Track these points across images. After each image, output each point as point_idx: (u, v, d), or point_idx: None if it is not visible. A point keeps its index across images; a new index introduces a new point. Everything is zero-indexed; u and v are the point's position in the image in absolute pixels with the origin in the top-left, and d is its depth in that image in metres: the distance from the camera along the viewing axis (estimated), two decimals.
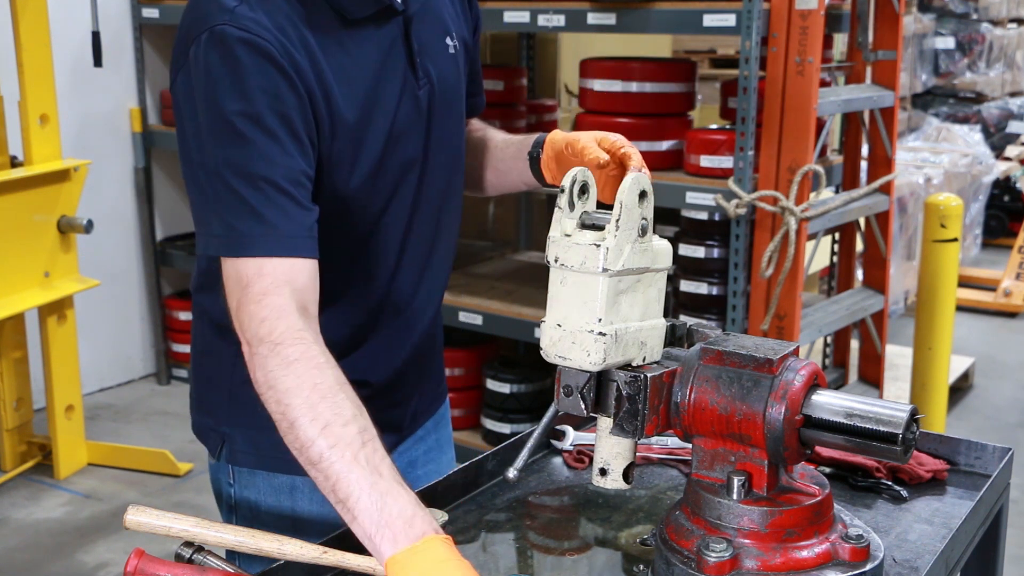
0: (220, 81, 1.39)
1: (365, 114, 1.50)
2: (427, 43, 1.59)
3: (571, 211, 1.32)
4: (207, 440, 1.70)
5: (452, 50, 1.65)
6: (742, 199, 3.36)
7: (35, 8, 3.87)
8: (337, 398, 1.29)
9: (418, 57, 1.56)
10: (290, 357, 1.32)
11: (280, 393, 1.31)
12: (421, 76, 1.57)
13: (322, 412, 1.28)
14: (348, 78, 1.48)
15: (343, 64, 1.48)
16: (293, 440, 1.30)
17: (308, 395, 1.29)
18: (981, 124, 8.30)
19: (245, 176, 1.38)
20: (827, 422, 1.27)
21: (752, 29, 3.27)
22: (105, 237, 4.77)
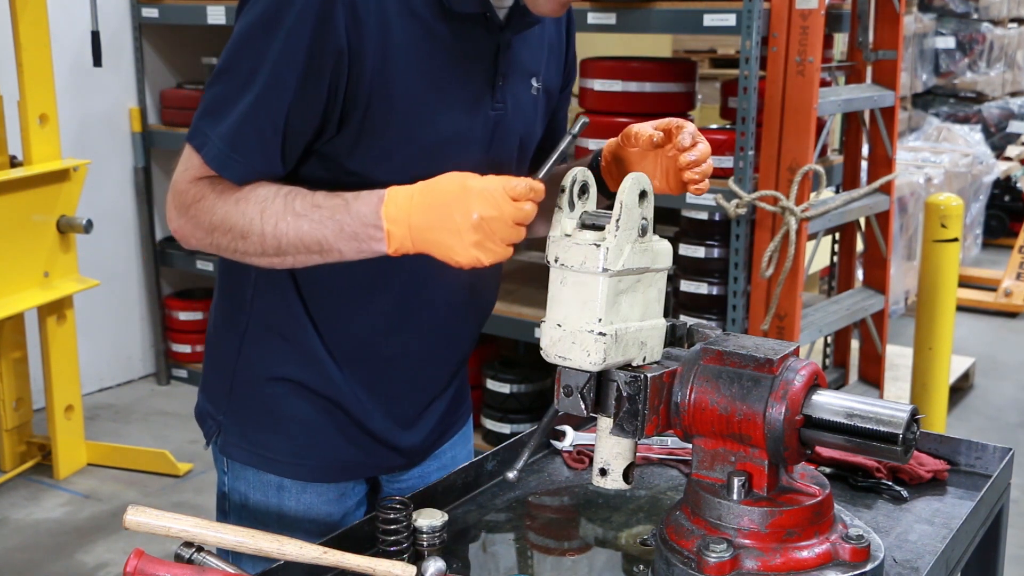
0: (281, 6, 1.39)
1: (426, 106, 1.48)
2: (513, 74, 1.58)
3: (571, 211, 1.32)
4: (204, 424, 1.71)
5: (535, 91, 1.64)
6: (742, 199, 3.36)
7: (35, 8, 3.87)
8: (256, 192, 1.41)
9: (500, 80, 1.55)
10: (213, 200, 1.43)
11: (221, 229, 1.42)
12: (498, 99, 1.56)
13: (249, 211, 1.40)
14: (420, 64, 1.46)
15: (421, 50, 1.46)
16: (255, 248, 1.41)
17: (234, 210, 1.41)
18: (981, 124, 8.30)
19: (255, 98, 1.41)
20: (827, 422, 1.27)
21: (752, 29, 3.27)
22: (105, 237, 4.76)
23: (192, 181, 1.45)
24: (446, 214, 1.31)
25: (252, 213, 1.40)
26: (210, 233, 1.43)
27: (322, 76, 1.41)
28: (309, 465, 1.65)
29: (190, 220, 1.45)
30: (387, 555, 1.36)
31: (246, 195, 1.42)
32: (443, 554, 1.37)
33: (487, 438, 4.14)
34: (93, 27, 4.29)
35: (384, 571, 1.27)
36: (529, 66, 1.63)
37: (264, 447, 1.65)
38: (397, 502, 1.38)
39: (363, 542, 1.42)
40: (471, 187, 1.31)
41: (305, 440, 1.64)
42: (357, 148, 1.48)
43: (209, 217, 1.43)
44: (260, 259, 1.43)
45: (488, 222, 1.30)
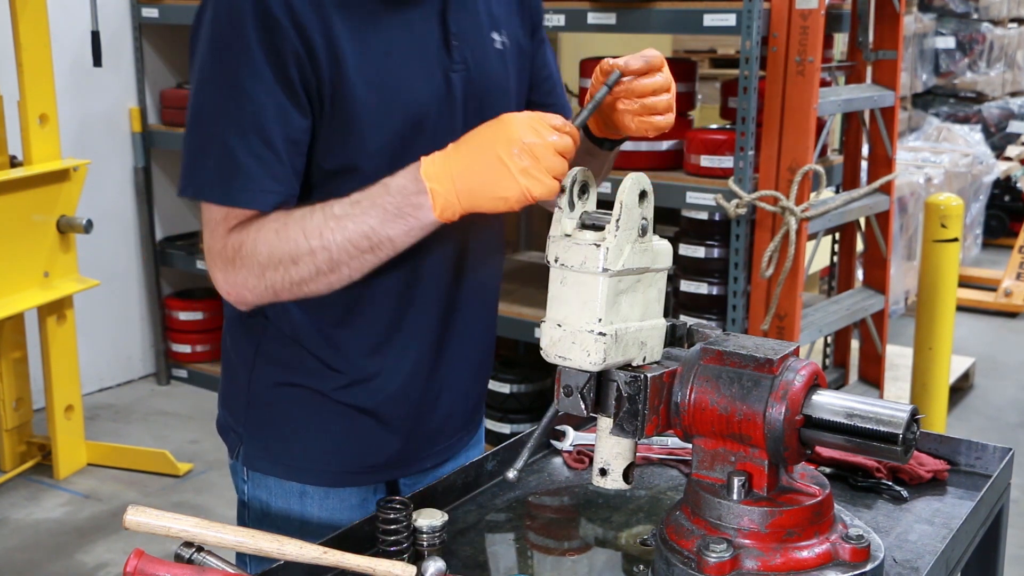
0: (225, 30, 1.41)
1: (384, 83, 1.47)
2: (467, 32, 1.56)
3: (571, 211, 1.32)
4: (226, 437, 1.70)
5: (500, 46, 1.62)
6: (742, 199, 3.36)
7: (35, 8, 3.87)
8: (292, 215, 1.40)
9: (455, 41, 1.54)
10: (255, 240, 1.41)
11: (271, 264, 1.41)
12: (457, 60, 1.54)
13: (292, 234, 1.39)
14: (368, 44, 1.46)
15: (362, 29, 1.46)
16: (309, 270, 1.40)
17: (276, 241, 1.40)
18: (982, 124, 8.30)
19: (236, 127, 1.41)
20: (827, 422, 1.26)
21: (752, 29, 3.27)
22: (105, 237, 4.77)
23: (224, 236, 1.44)
24: (489, 149, 1.31)
25: (294, 235, 1.39)
26: (261, 275, 1.42)
27: (292, 81, 1.41)
28: (331, 471, 1.64)
29: (239, 272, 1.43)
30: (387, 555, 1.36)
31: (283, 222, 1.40)
32: (443, 554, 1.37)
33: (487, 438, 4.13)
34: (93, 27, 4.29)
35: (384, 571, 1.27)
36: (486, 21, 1.60)
37: (286, 455, 1.63)
38: (397, 502, 1.38)
39: (363, 542, 1.42)
40: (509, 119, 1.32)
41: (327, 445, 1.62)
42: (332, 145, 1.47)
43: (255, 259, 1.41)
44: (318, 281, 1.41)
45: (533, 147, 1.29)
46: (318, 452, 1.63)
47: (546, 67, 1.76)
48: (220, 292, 1.48)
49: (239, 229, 1.43)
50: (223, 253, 1.44)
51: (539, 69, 1.74)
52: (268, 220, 1.42)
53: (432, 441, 1.71)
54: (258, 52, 1.39)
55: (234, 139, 1.41)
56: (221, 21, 1.42)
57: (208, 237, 1.46)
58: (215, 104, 1.43)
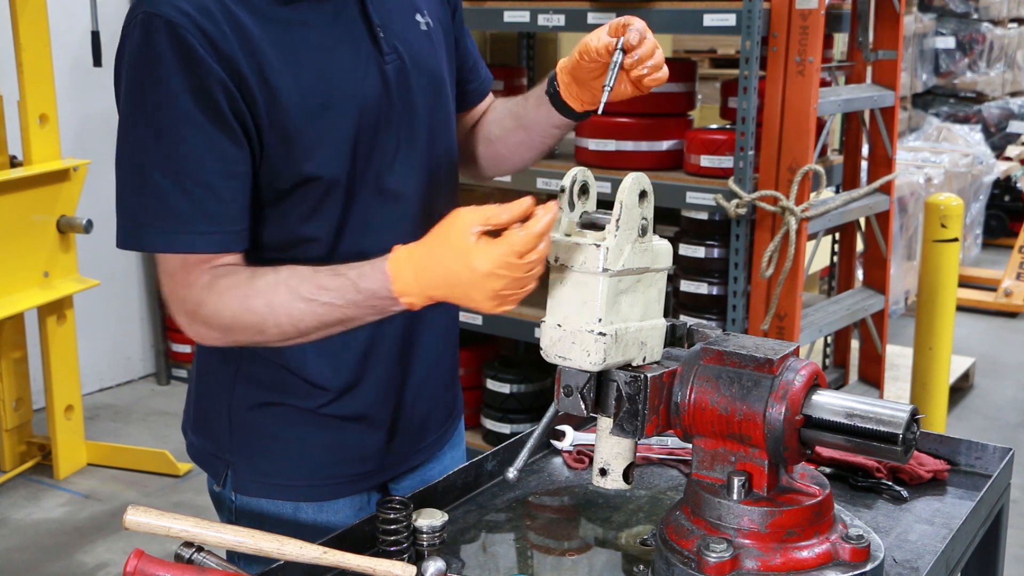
0: (143, 70, 1.37)
1: (321, 90, 1.44)
2: (391, 18, 1.54)
3: (571, 211, 1.32)
4: (209, 466, 1.65)
5: (424, 27, 1.60)
6: (742, 199, 3.36)
7: (35, 8, 3.87)
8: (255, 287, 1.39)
9: (382, 32, 1.51)
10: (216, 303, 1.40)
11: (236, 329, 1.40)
12: (388, 51, 1.51)
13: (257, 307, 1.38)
14: (293, 56, 1.42)
15: (286, 42, 1.42)
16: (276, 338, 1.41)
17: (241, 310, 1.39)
18: (981, 124, 8.30)
19: (167, 170, 1.37)
20: (827, 422, 1.27)
21: (752, 29, 3.27)
22: (105, 237, 4.71)
23: (184, 286, 1.41)
24: (464, 293, 1.31)
25: (260, 308, 1.38)
26: (226, 333, 1.42)
27: (220, 111, 1.37)
28: (324, 484, 1.62)
29: (202, 325, 1.42)
30: (387, 555, 1.36)
31: (245, 291, 1.39)
32: (443, 554, 1.37)
33: (487, 438, 4.14)
34: (93, 27, 4.28)
35: (384, 571, 1.27)
36: (406, 5, 1.58)
37: (277, 475, 1.61)
38: (397, 502, 1.38)
39: (363, 542, 1.42)
40: (478, 268, 1.28)
41: (317, 459, 1.61)
42: (280, 164, 1.44)
43: (219, 319, 1.40)
44: (285, 343, 1.42)
45: (503, 290, 1.29)
46: (309, 467, 1.61)
47: (463, 39, 1.75)
48: (186, 334, 1.46)
49: (197, 283, 1.40)
50: (183, 305, 1.43)
51: (463, 49, 1.74)
52: (229, 283, 1.40)
53: (416, 439, 1.71)
54: (181, 90, 1.35)
55: (167, 185, 1.37)
56: (139, 64, 1.37)
57: (166, 285, 1.44)
58: (144, 152, 1.38)
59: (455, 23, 1.72)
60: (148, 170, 1.38)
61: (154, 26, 1.36)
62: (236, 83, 1.38)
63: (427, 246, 1.33)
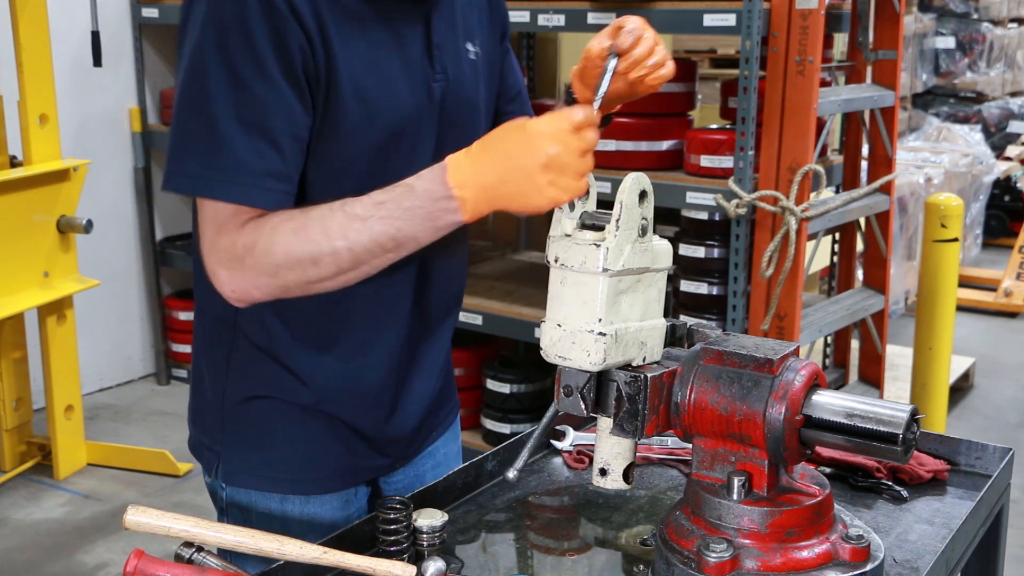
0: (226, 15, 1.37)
1: (372, 88, 1.46)
2: (446, 41, 1.57)
3: (571, 211, 1.32)
4: (201, 457, 1.68)
5: (473, 56, 1.63)
6: (742, 199, 3.36)
7: (35, 8, 3.87)
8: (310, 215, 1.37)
9: (437, 51, 1.54)
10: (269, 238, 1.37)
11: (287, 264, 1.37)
12: (438, 70, 1.54)
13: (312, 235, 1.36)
14: (356, 48, 1.45)
15: (354, 34, 1.45)
16: (329, 270, 1.37)
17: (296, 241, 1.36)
18: (981, 124, 8.30)
19: (238, 120, 1.37)
20: (827, 422, 1.27)
21: (752, 29, 3.27)
22: (105, 237, 4.77)
23: (233, 233, 1.39)
24: (515, 164, 1.31)
25: (316, 236, 1.36)
26: (275, 275, 1.38)
27: (297, 75, 1.39)
28: (311, 478, 1.64)
29: (248, 272, 1.39)
30: (387, 555, 1.36)
31: (301, 222, 1.37)
32: (443, 554, 1.37)
33: (487, 438, 4.14)
34: (93, 27, 4.29)
35: (384, 571, 1.27)
36: (462, 31, 1.60)
37: (266, 467, 1.63)
38: (397, 502, 1.38)
39: (363, 542, 1.42)
40: (532, 130, 1.30)
41: (305, 453, 1.63)
42: (320, 140, 1.46)
43: (270, 259, 1.37)
44: (334, 280, 1.39)
45: (558, 158, 1.29)
46: (297, 461, 1.62)
47: (512, 75, 1.77)
48: (221, 289, 1.42)
49: (248, 227, 1.39)
50: (231, 251, 1.39)
51: (505, 77, 1.75)
52: (282, 219, 1.38)
53: (407, 438, 1.72)
54: (264, 45, 1.36)
55: (235, 133, 1.37)
56: (223, 8, 1.37)
57: (213, 234, 1.40)
58: (216, 98, 1.37)
59: (503, 59, 1.74)
60: (216, 117, 1.37)
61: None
62: (311, 52, 1.40)
63: (485, 138, 1.36)
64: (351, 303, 1.55)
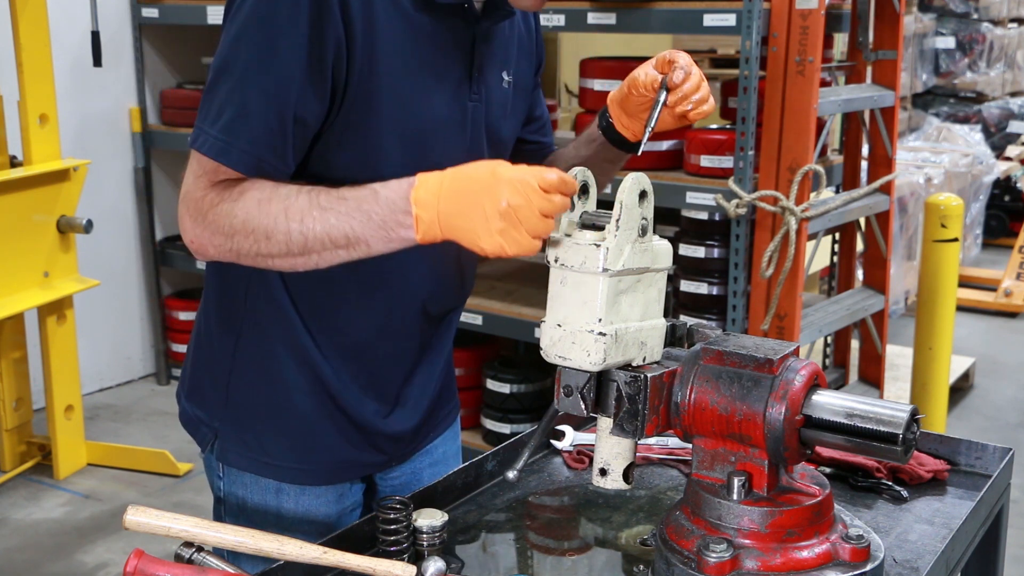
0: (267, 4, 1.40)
1: (409, 95, 1.49)
2: (487, 66, 1.61)
3: (571, 211, 1.32)
4: (197, 432, 1.69)
5: (506, 85, 1.66)
6: (742, 199, 3.36)
7: (35, 8, 3.87)
8: (278, 191, 1.39)
9: (477, 72, 1.58)
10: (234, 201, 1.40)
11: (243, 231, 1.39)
12: (475, 91, 1.58)
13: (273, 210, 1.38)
14: (400, 54, 1.47)
15: (402, 40, 1.48)
16: (280, 248, 1.38)
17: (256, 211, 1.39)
18: (981, 124, 8.30)
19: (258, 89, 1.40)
20: (827, 422, 1.27)
21: (752, 29, 3.27)
22: (105, 237, 4.76)
23: (206, 188, 1.43)
24: (475, 201, 1.30)
25: (275, 211, 1.38)
26: (230, 237, 1.41)
27: (325, 66, 1.42)
28: (307, 468, 1.65)
29: (208, 227, 1.42)
30: (387, 555, 1.36)
31: (268, 195, 1.39)
32: (443, 554, 1.37)
33: (487, 438, 4.14)
34: (93, 27, 4.29)
35: (384, 571, 1.27)
36: (501, 59, 1.65)
37: (263, 452, 1.65)
38: (397, 502, 1.38)
39: (363, 542, 1.42)
40: (501, 175, 1.30)
41: (304, 442, 1.64)
42: (344, 139, 1.48)
43: (229, 220, 1.40)
44: (284, 260, 1.40)
45: (516, 210, 1.28)
46: (295, 449, 1.64)
47: (539, 107, 1.82)
48: (184, 237, 1.46)
49: (222, 186, 1.42)
50: (199, 203, 1.42)
51: (533, 109, 1.80)
52: (252, 187, 1.41)
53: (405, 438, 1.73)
54: (304, 27, 1.39)
55: (255, 102, 1.40)
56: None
57: (191, 182, 1.44)
58: (249, 64, 1.41)
59: (535, 80, 1.79)
60: (245, 82, 1.41)
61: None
62: (348, 49, 1.43)
63: (460, 167, 1.35)
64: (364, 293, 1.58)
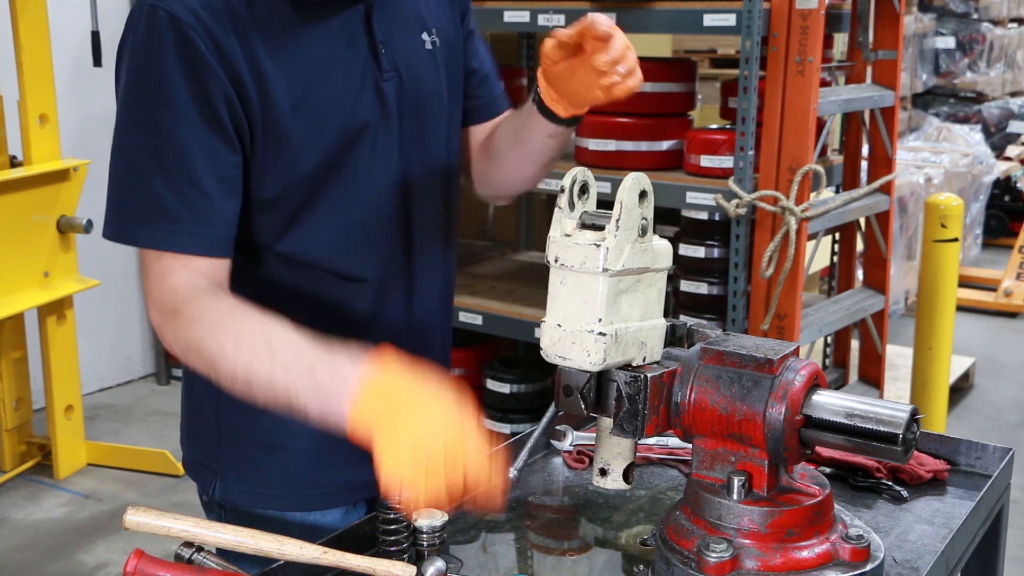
0: (144, 62, 1.37)
1: (314, 101, 1.43)
2: (395, 35, 1.53)
3: (571, 211, 1.32)
4: (198, 477, 1.65)
5: (429, 46, 1.58)
6: (742, 199, 3.36)
7: (35, 8, 3.87)
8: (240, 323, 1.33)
9: (383, 48, 1.50)
10: (190, 319, 1.35)
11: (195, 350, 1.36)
12: (387, 68, 1.51)
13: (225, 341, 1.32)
14: (292, 64, 1.42)
15: (288, 49, 1.41)
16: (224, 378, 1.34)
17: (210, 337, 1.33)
18: (981, 124, 8.30)
19: (159, 166, 1.36)
20: (827, 422, 1.26)
21: (752, 29, 3.27)
22: None
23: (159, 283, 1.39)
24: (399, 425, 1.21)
25: (228, 345, 1.32)
26: (184, 352, 1.39)
27: (220, 119, 1.37)
28: (310, 495, 1.62)
29: (167, 331, 1.39)
30: (387, 555, 1.36)
31: (225, 326, 1.33)
32: (443, 554, 1.37)
33: None
34: (93, 27, 4.28)
35: (384, 571, 1.27)
36: (413, 22, 1.57)
37: (265, 485, 1.60)
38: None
39: (363, 542, 1.42)
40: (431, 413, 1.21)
41: (305, 469, 1.61)
42: (265, 173, 1.44)
43: (184, 335, 1.37)
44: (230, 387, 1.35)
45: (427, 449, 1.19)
46: (295, 477, 1.61)
47: (476, 57, 1.70)
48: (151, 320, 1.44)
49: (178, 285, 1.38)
50: (159, 304, 1.39)
51: (469, 60, 1.69)
52: (210, 305, 1.36)
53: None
54: (181, 91, 1.34)
55: (158, 181, 1.36)
56: (140, 56, 1.37)
57: (145, 280, 1.42)
58: (138, 145, 1.37)
59: (466, 41, 1.69)
60: (141, 164, 1.37)
61: (159, 19, 1.35)
62: (236, 88, 1.37)
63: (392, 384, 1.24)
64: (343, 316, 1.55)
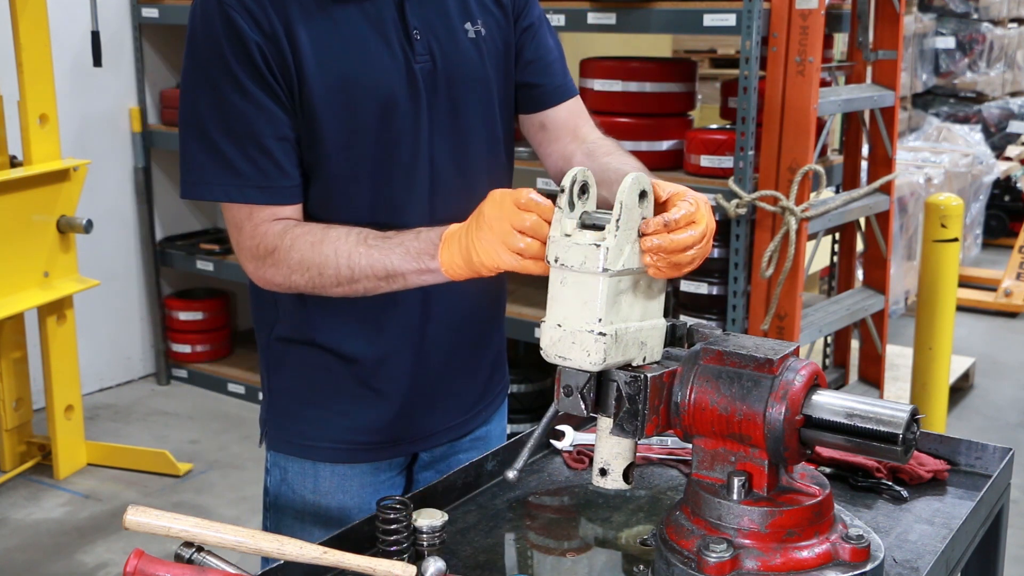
0: (201, 45, 1.57)
1: (342, 82, 1.58)
2: (431, 23, 1.65)
3: (571, 211, 1.32)
4: (261, 429, 1.83)
5: (473, 35, 1.69)
6: (742, 199, 3.36)
7: (35, 8, 3.87)
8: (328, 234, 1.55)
9: (417, 34, 1.62)
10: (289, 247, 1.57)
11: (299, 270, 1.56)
12: (421, 52, 1.63)
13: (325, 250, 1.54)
14: (328, 46, 1.57)
15: (325, 33, 1.57)
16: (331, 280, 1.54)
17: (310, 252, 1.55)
18: (981, 124, 8.30)
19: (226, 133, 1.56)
20: (827, 422, 1.27)
21: (752, 29, 3.27)
22: (105, 237, 4.76)
23: (249, 236, 1.59)
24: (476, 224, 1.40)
25: (328, 251, 1.54)
26: (289, 276, 1.58)
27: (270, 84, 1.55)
28: (342, 448, 1.74)
29: (268, 268, 1.59)
30: (387, 555, 1.36)
31: (319, 238, 1.55)
32: (443, 554, 1.37)
33: None
34: (93, 27, 4.28)
35: (384, 571, 1.27)
36: (455, 13, 1.68)
37: (302, 437, 1.76)
38: (397, 502, 1.38)
39: (363, 542, 1.42)
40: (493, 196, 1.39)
41: (337, 426, 1.73)
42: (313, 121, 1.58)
43: (286, 263, 1.57)
44: (336, 289, 1.55)
45: (489, 220, 1.36)
46: (329, 432, 1.74)
47: (539, 47, 1.80)
48: (250, 277, 1.64)
49: (272, 232, 1.58)
50: (254, 251, 1.60)
51: (529, 50, 1.79)
52: (303, 231, 1.57)
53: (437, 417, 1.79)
54: (235, 66, 1.54)
55: (226, 145, 1.57)
56: (198, 37, 1.58)
57: (236, 235, 1.61)
58: (205, 114, 1.57)
59: (519, 27, 1.79)
60: (210, 132, 1.57)
61: (209, 6, 1.56)
62: (274, 53, 1.55)
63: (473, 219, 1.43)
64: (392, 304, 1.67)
